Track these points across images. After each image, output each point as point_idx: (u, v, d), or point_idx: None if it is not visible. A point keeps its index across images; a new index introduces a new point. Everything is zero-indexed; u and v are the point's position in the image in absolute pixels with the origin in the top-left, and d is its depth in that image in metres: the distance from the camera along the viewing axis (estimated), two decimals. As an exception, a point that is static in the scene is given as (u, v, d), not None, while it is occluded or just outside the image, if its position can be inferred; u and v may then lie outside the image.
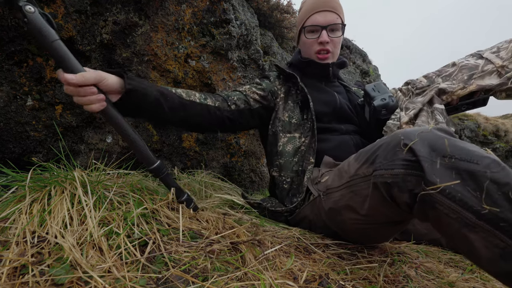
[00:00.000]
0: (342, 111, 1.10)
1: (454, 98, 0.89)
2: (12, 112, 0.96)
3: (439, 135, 0.53)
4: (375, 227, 0.71)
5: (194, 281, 0.50)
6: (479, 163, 0.47)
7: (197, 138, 1.46)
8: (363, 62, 3.44)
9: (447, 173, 0.49)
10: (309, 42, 1.11)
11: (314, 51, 1.12)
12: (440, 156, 0.50)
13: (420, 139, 0.54)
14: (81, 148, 1.15)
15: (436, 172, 0.50)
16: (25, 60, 0.96)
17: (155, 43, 1.21)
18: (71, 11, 0.99)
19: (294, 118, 1.07)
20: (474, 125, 4.16)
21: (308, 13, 1.10)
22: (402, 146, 0.56)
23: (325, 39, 1.07)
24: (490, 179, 0.46)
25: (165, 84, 1.28)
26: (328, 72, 1.14)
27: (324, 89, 1.14)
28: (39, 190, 0.62)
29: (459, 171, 0.48)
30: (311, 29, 1.10)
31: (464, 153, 0.49)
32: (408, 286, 0.64)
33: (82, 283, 0.44)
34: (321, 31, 1.08)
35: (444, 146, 0.51)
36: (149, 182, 0.85)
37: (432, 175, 0.50)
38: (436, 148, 0.51)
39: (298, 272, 0.62)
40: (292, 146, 1.03)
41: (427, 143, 0.53)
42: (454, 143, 0.51)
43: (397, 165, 0.56)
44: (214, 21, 1.34)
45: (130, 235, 0.58)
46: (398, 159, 0.56)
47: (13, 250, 0.48)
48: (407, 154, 0.55)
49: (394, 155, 0.57)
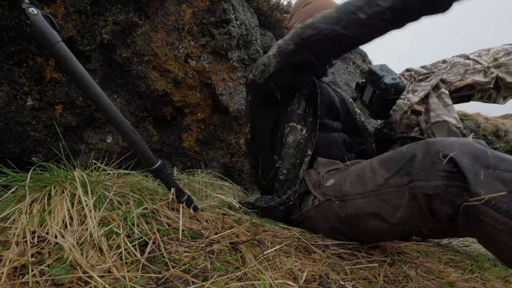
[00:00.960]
0: (334, 107, 1.12)
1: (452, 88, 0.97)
2: (12, 112, 0.96)
3: (480, 147, 0.53)
4: (398, 234, 0.70)
5: (194, 281, 0.50)
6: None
7: (197, 138, 1.46)
8: (363, 62, 3.45)
9: (492, 184, 0.48)
10: None
11: None
12: (483, 167, 0.50)
13: (460, 150, 0.53)
14: (81, 148, 1.15)
15: (480, 183, 0.49)
16: (25, 60, 0.96)
17: (155, 43, 1.21)
18: (71, 11, 0.99)
19: (300, 109, 1.06)
20: (474, 125, 4.16)
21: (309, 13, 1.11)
22: (442, 157, 0.55)
23: None
24: None
25: (165, 84, 1.28)
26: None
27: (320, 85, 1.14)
28: (39, 190, 0.62)
29: (505, 182, 0.48)
30: None
31: (509, 164, 0.49)
32: (408, 286, 0.64)
33: (82, 283, 0.44)
34: None
35: (488, 157, 0.51)
36: (149, 182, 0.85)
37: (476, 186, 0.49)
38: (479, 159, 0.51)
39: (298, 272, 0.62)
40: (293, 138, 1.03)
41: (469, 154, 0.52)
42: (497, 155, 0.51)
43: (438, 176, 0.55)
44: (214, 21, 1.34)
45: (130, 235, 0.58)
46: (438, 170, 0.55)
47: (13, 250, 0.48)
48: (447, 165, 0.54)
49: (433, 165, 0.56)
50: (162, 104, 1.33)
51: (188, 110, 1.40)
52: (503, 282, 0.73)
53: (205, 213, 0.78)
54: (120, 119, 0.65)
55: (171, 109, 1.36)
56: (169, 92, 1.30)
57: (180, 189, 0.75)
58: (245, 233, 0.73)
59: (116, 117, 0.64)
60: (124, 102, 1.27)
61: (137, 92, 1.26)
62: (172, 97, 1.32)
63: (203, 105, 1.42)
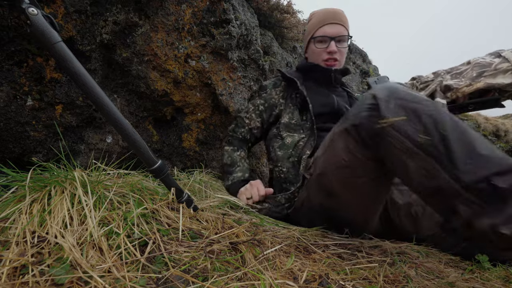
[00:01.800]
0: (341, 114, 1.15)
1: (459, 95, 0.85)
2: (12, 112, 0.96)
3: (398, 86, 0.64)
4: (360, 181, 0.76)
5: (194, 281, 0.50)
6: (422, 103, 0.59)
7: (197, 138, 1.46)
8: (363, 62, 3.45)
9: (398, 111, 0.60)
10: (318, 51, 1.20)
11: (322, 59, 1.20)
12: (393, 98, 0.61)
13: (380, 88, 0.65)
14: (81, 148, 1.15)
15: (389, 110, 0.60)
16: (25, 60, 0.96)
17: (155, 43, 1.21)
18: (71, 11, 0.99)
19: (294, 119, 1.16)
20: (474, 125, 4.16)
21: (318, 25, 1.19)
22: (368, 94, 0.66)
23: (333, 49, 1.16)
24: (428, 115, 0.57)
25: (165, 84, 1.28)
26: (329, 77, 1.21)
27: (323, 92, 1.20)
28: (39, 190, 0.62)
29: (406, 110, 0.59)
30: (321, 39, 1.18)
31: (413, 96, 0.60)
32: (408, 286, 0.64)
33: (82, 283, 0.45)
34: (330, 41, 1.17)
35: (399, 91, 0.62)
36: (149, 182, 0.85)
37: (385, 111, 0.60)
38: (393, 92, 0.62)
39: (298, 272, 0.62)
40: (291, 140, 1.11)
41: (387, 90, 0.63)
42: (408, 91, 0.62)
43: (364, 109, 0.66)
44: (214, 21, 1.34)
45: (130, 235, 0.58)
46: (365, 104, 0.66)
47: (13, 250, 0.48)
48: (371, 100, 0.65)
49: (363, 102, 0.67)
50: (162, 104, 1.33)
51: (188, 110, 1.40)
52: (503, 282, 0.73)
53: (205, 213, 0.78)
54: (120, 119, 0.65)
55: (171, 109, 1.36)
56: (169, 92, 1.30)
57: (180, 189, 0.75)
58: (245, 233, 0.73)
59: (116, 117, 0.64)
60: (124, 102, 1.27)
61: (137, 92, 1.26)
62: (172, 97, 1.32)
63: (203, 105, 1.42)
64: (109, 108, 0.64)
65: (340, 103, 1.17)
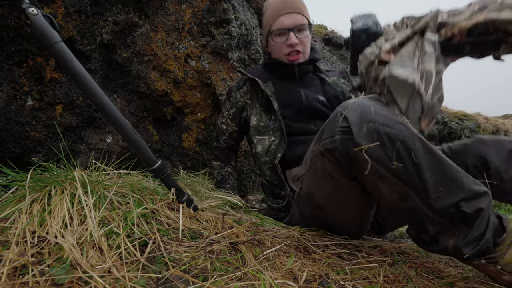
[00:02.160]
0: (310, 109, 1.09)
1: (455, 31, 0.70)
2: (12, 112, 0.96)
3: (367, 103, 0.62)
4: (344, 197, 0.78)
5: (194, 281, 0.50)
6: (395, 128, 0.58)
7: (197, 138, 1.46)
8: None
9: (370, 136, 0.59)
10: (278, 46, 1.10)
11: (284, 54, 1.11)
12: (366, 121, 0.60)
13: (352, 108, 0.63)
14: (81, 148, 1.15)
15: (362, 136, 0.59)
16: (25, 60, 0.96)
17: (155, 43, 1.21)
18: (71, 11, 0.99)
19: (262, 121, 1.10)
20: (474, 125, 4.16)
21: (273, 17, 1.09)
22: (339, 115, 0.64)
23: (293, 41, 1.07)
24: (401, 141, 0.57)
25: (165, 84, 1.28)
26: (293, 72, 1.13)
27: (289, 89, 1.13)
28: (39, 190, 0.62)
29: (379, 134, 0.58)
30: (278, 32, 1.09)
31: (385, 118, 0.59)
32: (408, 286, 0.64)
33: (82, 283, 0.45)
34: (289, 33, 1.07)
35: (371, 113, 0.60)
36: (149, 182, 0.85)
37: (358, 137, 0.60)
38: (364, 113, 0.61)
39: (298, 272, 0.62)
40: (261, 147, 1.08)
41: (358, 109, 0.62)
42: (378, 110, 0.61)
43: (336, 132, 0.65)
44: (214, 21, 1.34)
45: (130, 235, 0.58)
46: (337, 127, 0.65)
47: (13, 250, 0.48)
48: (342, 122, 0.63)
49: (335, 124, 0.66)
50: (162, 104, 1.33)
51: (188, 110, 1.41)
52: (503, 282, 0.73)
53: (205, 213, 0.78)
54: (120, 119, 0.65)
55: (171, 109, 1.36)
56: (169, 92, 1.30)
57: (180, 189, 0.75)
58: (245, 233, 0.73)
59: (116, 117, 0.64)
60: (124, 102, 1.27)
61: (137, 92, 1.26)
62: (172, 97, 1.32)
63: (203, 105, 1.42)
64: (109, 108, 0.64)
65: (309, 97, 1.10)
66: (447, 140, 3.90)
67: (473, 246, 0.57)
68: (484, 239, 0.57)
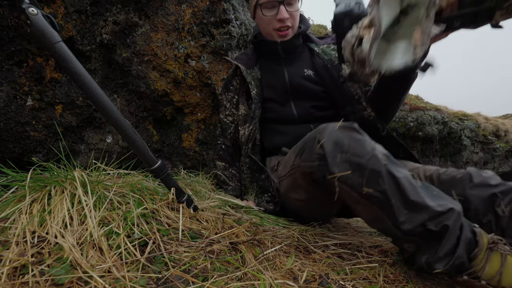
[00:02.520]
0: (294, 88, 1.05)
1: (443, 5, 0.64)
2: (12, 112, 0.96)
3: (341, 134, 0.69)
4: (317, 205, 0.88)
5: (194, 281, 0.50)
6: (365, 158, 0.64)
7: (197, 138, 1.46)
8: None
9: (343, 165, 0.66)
10: (267, 19, 1.04)
11: (274, 28, 1.05)
12: (339, 152, 0.67)
13: (328, 137, 0.69)
14: (81, 148, 1.16)
15: (335, 165, 0.67)
16: (25, 60, 0.96)
17: (155, 43, 1.21)
18: (71, 11, 0.99)
19: (244, 109, 1.09)
20: (474, 125, 4.16)
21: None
22: (317, 143, 0.71)
23: (284, 16, 1.01)
24: (369, 169, 0.63)
25: (165, 84, 1.28)
26: (276, 51, 1.07)
27: (274, 71, 1.09)
28: (39, 190, 0.62)
29: (351, 164, 0.65)
30: (268, 5, 1.01)
31: (356, 149, 0.66)
32: (408, 286, 0.64)
33: (82, 283, 0.45)
34: (279, 6, 1.00)
35: (344, 144, 0.67)
36: (149, 182, 0.85)
37: (332, 166, 0.67)
38: (338, 145, 0.67)
39: (298, 272, 0.62)
40: (243, 137, 1.11)
41: (332, 140, 0.68)
42: (351, 142, 0.67)
43: (314, 158, 0.72)
44: (214, 21, 1.34)
45: (130, 235, 0.58)
46: (314, 153, 0.72)
47: (13, 250, 0.48)
48: (319, 150, 0.70)
49: (313, 149, 0.72)
50: (162, 104, 1.33)
51: (188, 110, 1.41)
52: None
53: (205, 213, 0.78)
54: (120, 119, 0.65)
55: (171, 109, 1.36)
56: (169, 92, 1.30)
57: (180, 189, 0.75)
58: (245, 233, 0.73)
59: (116, 117, 0.64)
60: (124, 102, 1.27)
61: (137, 92, 1.26)
62: (172, 97, 1.32)
63: (203, 105, 1.42)
64: (109, 108, 0.64)
65: (292, 76, 1.05)
66: (447, 140, 3.90)
67: (445, 262, 0.59)
68: (455, 255, 0.58)
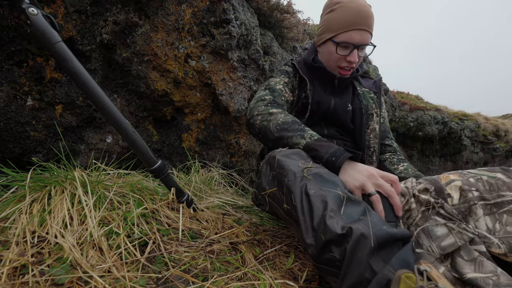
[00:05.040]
0: (333, 118, 1.11)
1: None
2: (12, 112, 0.96)
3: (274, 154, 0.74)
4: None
5: (194, 281, 0.50)
6: (287, 176, 0.67)
7: (197, 138, 1.46)
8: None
9: (272, 182, 0.71)
10: (337, 57, 1.07)
11: (339, 66, 1.09)
12: (271, 171, 0.73)
13: (266, 159, 0.77)
14: (81, 148, 1.15)
15: (267, 182, 0.73)
16: (25, 60, 0.96)
17: (155, 43, 1.21)
18: (71, 11, 0.99)
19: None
20: (474, 125, 4.16)
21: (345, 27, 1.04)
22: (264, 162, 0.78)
23: (355, 59, 1.06)
24: (286, 186, 0.66)
25: (165, 84, 1.28)
26: (333, 83, 1.14)
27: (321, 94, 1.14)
28: (39, 190, 0.62)
29: (276, 181, 0.69)
30: (344, 45, 1.05)
31: (281, 168, 0.70)
32: (408, 286, 0.64)
33: (82, 283, 0.45)
34: (353, 49, 1.04)
35: (274, 163, 0.72)
36: (149, 182, 0.85)
37: (265, 183, 0.73)
38: (271, 164, 0.74)
39: (298, 272, 0.62)
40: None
41: (267, 160, 0.76)
42: (280, 163, 0.71)
43: (257, 177, 0.80)
44: (214, 21, 1.34)
45: (130, 235, 0.58)
46: (258, 172, 0.80)
47: (13, 250, 0.48)
48: (261, 168, 0.78)
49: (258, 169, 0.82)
50: (162, 104, 1.33)
51: (188, 110, 1.41)
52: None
53: (205, 213, 0.78)
54: (120, 119, 0.65)
55: (171, 109, 1.36)
56: (169, 92, 1.30)
57: (180, 189, 0.75)
58: (245, 233, 0.73)
59: (116, 117, 0.64)
60: (124, 102, 1.27)
61: (137, 92, 1.26)
62: (172, 97, 1.32)
63: (203, 105, 1.42)
64: (109, 108, 0.64)
65: (337, 106, 1.11)
66: (447, 140, 3.90)
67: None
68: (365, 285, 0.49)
